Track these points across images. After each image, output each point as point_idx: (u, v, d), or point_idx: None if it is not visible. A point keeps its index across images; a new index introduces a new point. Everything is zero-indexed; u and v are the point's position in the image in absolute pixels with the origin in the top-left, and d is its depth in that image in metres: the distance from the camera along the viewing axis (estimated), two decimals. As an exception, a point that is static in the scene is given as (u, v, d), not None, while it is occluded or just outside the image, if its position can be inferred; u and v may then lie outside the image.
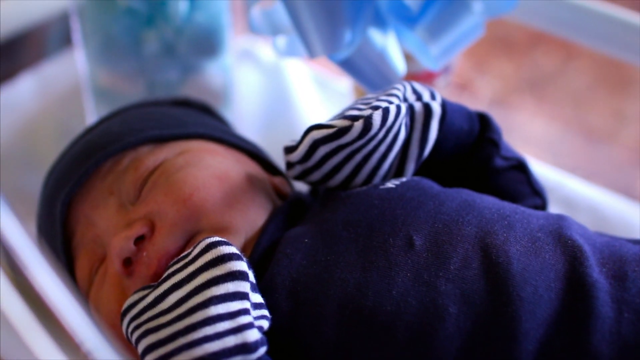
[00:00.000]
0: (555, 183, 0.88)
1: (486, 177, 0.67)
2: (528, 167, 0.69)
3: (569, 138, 1.32)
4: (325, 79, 1.05)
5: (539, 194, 0.69)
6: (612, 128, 1.38)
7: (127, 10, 0.86)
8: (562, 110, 1.38)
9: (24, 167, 0.95)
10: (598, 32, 0.87)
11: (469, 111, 0.68)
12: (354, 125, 0.60)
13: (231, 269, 0.55)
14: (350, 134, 0.60)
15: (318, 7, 0.70)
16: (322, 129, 0.61)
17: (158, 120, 0.71)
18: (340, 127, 0.60)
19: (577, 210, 0.86)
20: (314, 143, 0.61)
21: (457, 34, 0.72)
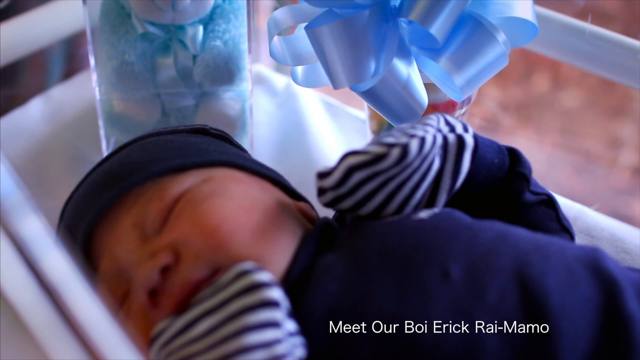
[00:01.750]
0: (576, 213, 0.88)
1: (516, 212, 0.67)
2: (557, 203, 0.69)
3: (562, 162, 1.32)
4: (340, 106, 1.04)
5: (567, 230, 0.69)
6: (606, 152, 1.38)
7: (143, 35, 0.86)
8: (555, 134, 1.38)
9: (36, 192, 0.94)
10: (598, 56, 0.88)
11: (499, 145, 0.68)
12: (391, 152, 0.59)
13: (265, 297, 0.55)
14: (386, 161, 0.60)
15: (343, 37, 0.69)
16: (358, 155, 0.60)
17: (179, 149, 0.70)
18: (378, 154, 0.60)
19: (598, 241, 0.85)
20: (349, 169, 0.61)
21: (482, 65, 0.72)
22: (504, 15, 0.77)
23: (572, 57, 0.91)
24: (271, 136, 1.00)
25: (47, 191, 0.93)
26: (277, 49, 0.78)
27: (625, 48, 0.87)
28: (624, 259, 0.83)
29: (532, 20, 0.78)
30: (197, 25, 0.85)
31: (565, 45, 0.90)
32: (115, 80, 0.87)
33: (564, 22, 0.90)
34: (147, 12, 0.83)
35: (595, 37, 0.88)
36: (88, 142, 0.99)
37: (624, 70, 0.88)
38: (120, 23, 0.86)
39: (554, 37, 0.90)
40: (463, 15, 0.71)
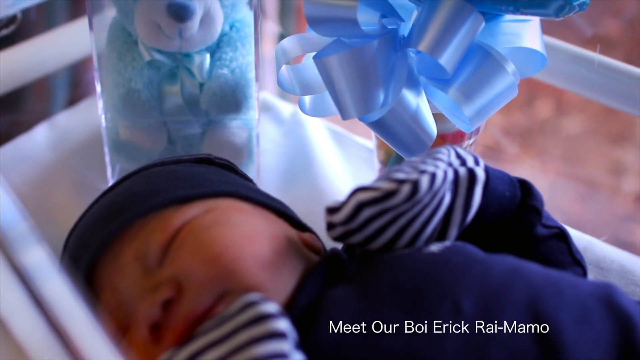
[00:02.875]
0: (585, 244, 0.87)
1: (528, 245, 0.66)
2: (569, 237, 0.68)
3: (565, 189, 1.32)
4: (347, 135, 1.04)
5: (579, 264, 0.68)
6: (609, 178, 1.38)
7: (150, 63, 0.85)
8: (558, 161, 1.38)
9: (40, 219, 0.93)
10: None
11: (510, 177, 0.67)
12: (401, 188, 0.59)
13: (272, 329, 0.54)
14: (396, 197, 0.59)
15: (351, 67, 0.69)
16: (368, 191, 0.60)
17: (183, 179, 0.70)
18: (388, 190, 0.59)
19: (608, 273, 0.84)
20: (359, 205, 0.60)
21: (491, 95, 0.71)
22: (513, 46, 0.76)
23: (579, 87, 0.90)
24: (278, 164, 1.00)
25: (52, 219, 0.92)
26: (285, 78, 0.77)
27: (632, 77, 0.87)
28: (634, 291, 0.82)
29: (540, 51, 0.77)
30: (204, 53, 0.85)
31: (573, 75, 0.89)
32: (121, 108, 0.87)
33: (571, 51, 0.89)
34: (154, 39, 0.83)
35: (603, 66, 0.88)
36: (93, 170, 0.98)
37: (632, 100, 0.87)
38: (127, 50, 0.86)
39: (561, 66, 0.89)
40: (472, 46, 0.71)
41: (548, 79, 0.92)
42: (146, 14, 0.81)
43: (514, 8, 0.70)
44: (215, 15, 0.82)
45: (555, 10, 0.69)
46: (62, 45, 1.08)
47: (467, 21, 0.69)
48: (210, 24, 0.83)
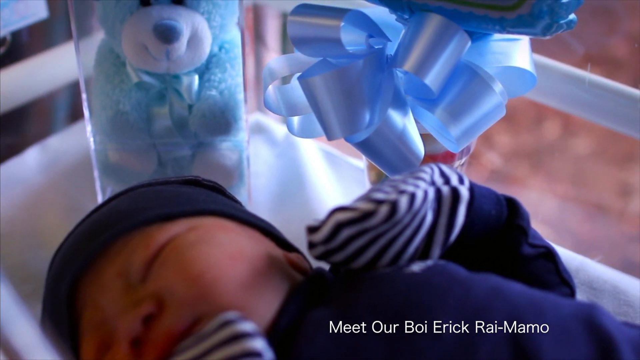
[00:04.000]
0: (578, 265, 0.86)
1: (514, 265, 0.66)
2: (557, 256, 0.67)
3: (573, 209, 1.31)
4: (339, 156, 1.03)
5: (567, 283, 0.67)
6: (617, 199, 1.37)
7: (138, 85, 0.85)
8: (566, 181, 1.37)
9: (30, 242, 0.93)
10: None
11: (497, 195, 0.66)
12: (379, 209, 0.58)
13: (248, 348, 0.53)
14: (375, 218, 0.58)
15: (337, 87, 0.68)
16: (346, 212, 0.59)
17: (168, 198, 0.69)
18: (365, 211, 0.58)
19: (600, 293, 0.83)
20: (337, 225, 0.59)
21: (478, 115, 0.71)
22: (502, 65, 0.76)
23: (572, 106, 0.90)
24: (270, 186, 0.99)
25: (42, 242, 0.92)
26: (271, 99, 0.77)
27: (626, 97, 0.86)
28: (627, 312, 0.81)
29: (530, 70, 0.77)
30: (192, 74, 0.85)
31: (566, 94, 0.89)
32: (110, 130, 0.86)
33: (562, 70, 0.89)
34: (141, 61, 0.82)
35: (595, 86, 0.87)
36: (84, 192, 0.98)
37: (625, 120, 0.87)
38: (115, 72, 0.85)
39: (553, 85, 0.89)
40: (459, 65, 0.71)
41: (539, 98, 0.91)
42: (133, 35, 0.81)
43: (500, 27, 0.69)
44: (203, 36, 0.82)
45: (542, 29, 0.69)
46: (53, 67, 1.09)
47: (452, 41, 0.68)
48: (198, 45, 0.82)
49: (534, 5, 0.67)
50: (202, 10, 0.82)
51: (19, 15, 1.01)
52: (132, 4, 0.81)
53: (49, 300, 0.68)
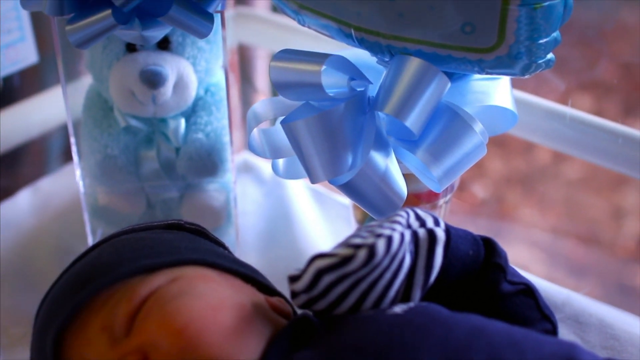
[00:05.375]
0: (564, 298, 0.87)
1: (494, 302, 0.66)
2: (536, 292, 0.68)
3: (566, 233, 1.32)
4: (327, 194, 1.05)
5: (548, 319, 0.68)
6: (610, 222, 1.38)
7: (126, 129, 0.86)
8: (559, 206, 1.38)
9: (21, 285, 0.94)
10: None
11: (474, 236, 0.68)
12: (358, 253, 0.59)
13: None
14: (354, 263, 0.59)
15: (319, 130, 0.69)
16: (326, 258, 0.60)
17: (150, 247, 0.70)
18: (344, 256, 0.59)
19: (586, 327, 0.84)
20: (318, 272, 0.60)
21: (459, 155, 0.71)
22: (483, 104, 0.77)
23: (555, 141, 0.91)
24: (258, 225, 1.00)
25: (32, 284, 0.93)
26: (256, 142, 0.78)
27: (606, 131, 0.87)
28: (613, 345, 0.81)
29: (511, 108, 0.78)
30: (179, 117, 0.86)
31: (548, 130, 0.90)
32: (98, 174, 0.87)
33: (544, 106, 0.90)
34: (128, 105, 0.83)
35: (576, 120, 0.89)
36: (75, 234, 0.99)
37: (606, 153, 0.88)
38: (103, 117, 0.87)
39: (536, 121, 0.90)
40: (439, 106, 0.72)
41: (521, 134, 0.93)
42: (120, 81, 0.82)
43: (479, 69, 0.70)
44: (188, 80, 0.83)
45: (521, 69, 0.70)
46: (44, 110, 1.10)
47: (432, 83, 0.69)
48: (184, 90, 0.83)
49: (512, 46, 0.68)
50: (187, 55, 0.84)
51: (10, 60, 1.03)
52: (118, 50, 0.83)
53: (36, 352, 0.69)
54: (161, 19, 0.71)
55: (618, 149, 0.87)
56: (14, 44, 1.03)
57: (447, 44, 0.69)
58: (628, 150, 0.86)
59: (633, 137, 0.86)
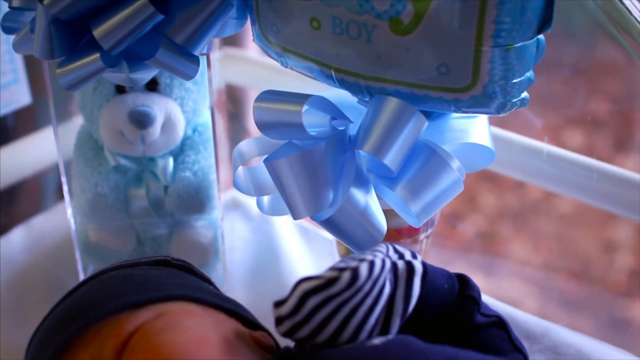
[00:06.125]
0: (543, 330, 0.89)
1: (468, 334, 0.68)
2: (508, 324, 0.70)
3: (558, 268, 1.33)
4: (313, 229, 1.07)
5: (520, 350, 0.70)
6: (602, 256, 1.39)
7: (116, 168, 0.88)
8: (551, 240, 1.39)
9: (14, 320, 0.95)
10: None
11: (449, 272, 0.70)
12: (342, 275, 0.61)
13: None
14: (338, 284, 0.61)
15: (301, 169, 0.71)
16: (311, 280, 0.62)
17: (137, 284, 0.72)
18: (329, 278, 0.62)
19: (564, 357, 0.86)
20: (303, 295, 0.62)
21: (437, 192, 0.74)
22: (461, 142, 0.79)
23: (533, 178, 0.94)
24: (246, 260, 1.02)
25: (24, 320, 0.95)
26: (241, 180, 0.80)
27: (581, 167, 0.90)
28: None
29: (488, 146, 0.80)
30: (167, 157, 0.88)
31: (526, 166, 0.93)
32: (89, 212, 0.90)
33: (522, 143, 0.93)
34: (118, 145, 0.86)
35: (553, 157, 0.91)
36: (67, 270, 1.01)
37: (581, 188, 0.90)
38: (93, 156, 0.89)
39: (514, 158, 0.93)
40: (418, 144, 0.74)
41: (500, 170, 0.95)
42: (110, 121, 0.85)
43: (456, 108, 0.73)
44: (176, 121, 0.86)
45: (496, 108, 0.72)
46: (37, 150, 1.12)
47: (410, 122, 0.72)
48: (172, 130, 0.86)
49: (486, 86, 0.70)
50: (175, 96, 0.86)
51: (5, 101, 1.06)
52: (108, 92, 0.85)
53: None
54: (148, 62, 0.73)
55: (593, 183, 0.89)
56: (8, 86, 1.05)
57: (424, 84, 0.71)
58: (603, 185, 0.89)
59: (607, 172, 0.89)
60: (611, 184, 0.89)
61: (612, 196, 0.90)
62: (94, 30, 0.71)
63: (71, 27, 0.73)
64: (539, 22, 0.69)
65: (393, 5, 0.68)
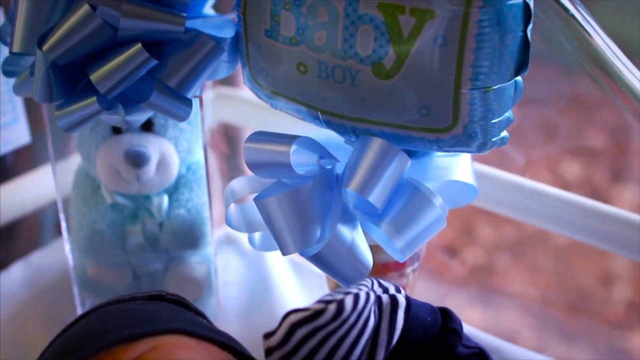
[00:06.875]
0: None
1: None
2: (489, 356, 0.72)
3: (556, 300, 1.34)
4: (304, 264, 1.10)
5: None
6: (600, 287, 1.40)
7: (113, 205, 0.91)
8: (549, 272, 1.40)
9: (15, 354, 0.98)
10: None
11: (432, 306, 0.72)
12: (328, 307, 0.64)
13: None
14: (325, 316, 0.64)
15: (289, 206, 0.74)
16: (299, 313, 0.65)
17: (134, 318, 0.74)
18: (316, 310, 0.64)
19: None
20: (292, 326, 0.65)
21: (420, 228, 0.76)
22: (445, 179, 0.82)
23: (515, 212, 0.97)
24: (239, 295, 1.05)
25: (24, 353, 0.97)
26: (232, 217, 0.83)
27: (561, 201, 0.93)
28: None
29: (471, 183, 0.83)
30: (162, 194, 0.91)
31: (508, 201, 0.96)
32: (87, 248, 0.92)
33: (505, 179, 0.96)
34: (114, 184, 0.89)
35: (533, 192, 0.94)
36: (65, 305, 1.03)
37: (562, 222, 0.93)
38: (91, 194, 0.92)
39: (497, 193, 0.96)
40: (402, 182, 0.77)
41: (484, 205, 0.98)
42: (106, 161, 0.88)
43: (438, 147, 0.76)
44: (170, 160, 0.89)
45: (477, 147, 0.75)
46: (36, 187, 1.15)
47: (393, 162, 0.74)
48: (166, 169, 0.89)
49: (466, 127, 0.73)
50: (169, 136, 0.89)
51: (4, 141, 1.08)
52: (105, 132, 0.88)
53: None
54: (143, 105, 0.76)
55: (574, 217, 0.92)
56: (7, 126, 1.08)
57: (407, 125, 0.75)
58: (582, 219, 0.91)
59: (587, 207, 0.92)
60: (591, 218, 0.92)
61: (593, 230, 0.92)
62: (90, 75, 0.74)
63: (69, 72, 0.76)
64: (516, 65, 0.72)
65: (375, 50, 0.71)
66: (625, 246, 0.91)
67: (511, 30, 0.69)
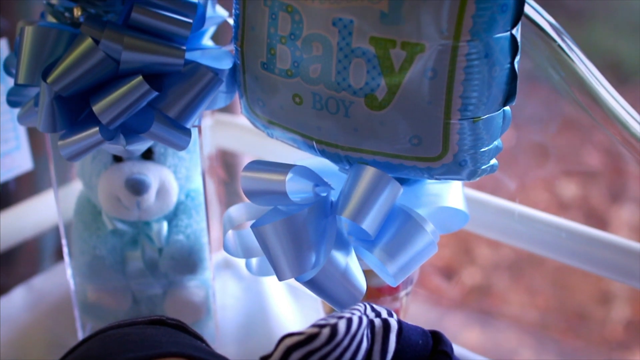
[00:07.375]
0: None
1: None
2: None
3: (555, 319, 1.35)
4: (300, 288, 1.11)
5: None
6: (598, 307, 1.41)
7: (113, 231, 0.94)
8: (546, 293, 1.41)
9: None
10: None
11: (423, 329, 0.74)
12: (322, 331, 0.66)
13: None
14: (319, 339, 0.66)
15: (285, 233, 0.76)
16: (294, 336, 0.67)
17: (134, 342, 0.76)
18: (310, 334, 0.67)
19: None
20: (287, 349, 0.67)
21: (412, 254, 0.78)
22: (436, 206, 0.85)
23: (506, 237, 0.99)
24: (237, 318, 1.07)
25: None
26: (230, 243, 0.85)
27: (551, 226, 0.95)
28: None
29: (462, 209, 0.86)
30: (162, 221, 0.93)
31: (499, 226, 0.98)
32: (88, 273, 0.95)
33: (495, 204, 0.98)
34: (115, 210, 0.91)
35: (522, 216, 0.96)
36: (66, 329, 1.05)
37: (552, 247, 0.95)
38: (92, 220, 0.94)
39: (487, 218, 0.98)
40: (394, 209, 0.79)
41: (475, 230, 1.00)
42: (107, 188, 0.90)
43: (429, 175, 0.78)
44: (169, 187, 0.91)
45: (467, 175, 0.77)
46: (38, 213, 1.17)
47: (385, 190, 0.77)
48: (166, 196, 0.91)
49: (456, 155, 0.75)
50: (168, 164, 0.92)
51: (7, 167, 1.10)
52: (106, 161, 0.91)
53: None
54: (143, 135, 0.78)
55: (562, 242, 0.94)
56: (10, 152, 1.10)
57: (398, 154, 0.77)
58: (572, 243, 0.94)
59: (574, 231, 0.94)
60: (581, 243, 0.94)
61: (582, 255, 0.95)
62: (93, 106, 0.77)
63: (72, 103, 0.79)
64: (504, 96, 0.74)
65: (368, 82, 0.74)
66: (615, 269, 0.93)
67: (499, 63, 0.72)
